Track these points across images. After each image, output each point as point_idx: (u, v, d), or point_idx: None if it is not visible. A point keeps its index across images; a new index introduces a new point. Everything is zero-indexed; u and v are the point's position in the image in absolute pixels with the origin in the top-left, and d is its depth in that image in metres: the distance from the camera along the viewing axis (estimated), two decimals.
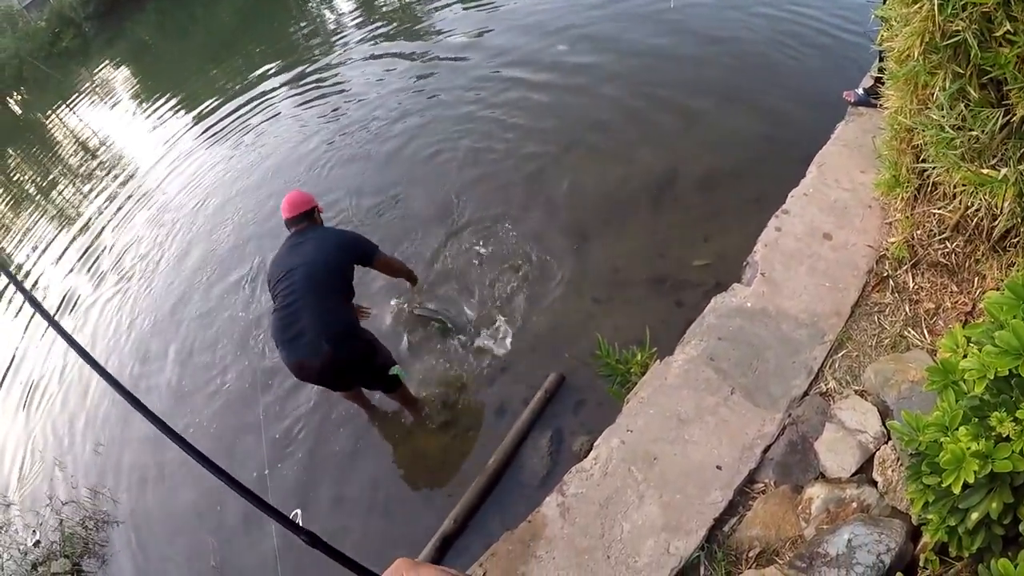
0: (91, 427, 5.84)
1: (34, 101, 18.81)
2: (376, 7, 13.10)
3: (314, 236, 3.99)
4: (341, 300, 3.91)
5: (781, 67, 6.53)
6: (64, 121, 15.62)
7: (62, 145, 13.97)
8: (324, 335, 3.69)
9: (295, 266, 3.80)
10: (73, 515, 4.97)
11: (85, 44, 20.73)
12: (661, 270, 4.93)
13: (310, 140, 8.56)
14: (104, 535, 4.87)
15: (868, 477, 2.69)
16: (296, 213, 4.04)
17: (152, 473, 5.13)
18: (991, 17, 2.34)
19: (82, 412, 6.06)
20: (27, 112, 18.38)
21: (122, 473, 5.25)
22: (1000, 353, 1.85)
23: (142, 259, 7.95)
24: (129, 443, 5.45)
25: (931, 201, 3.24)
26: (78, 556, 4.73)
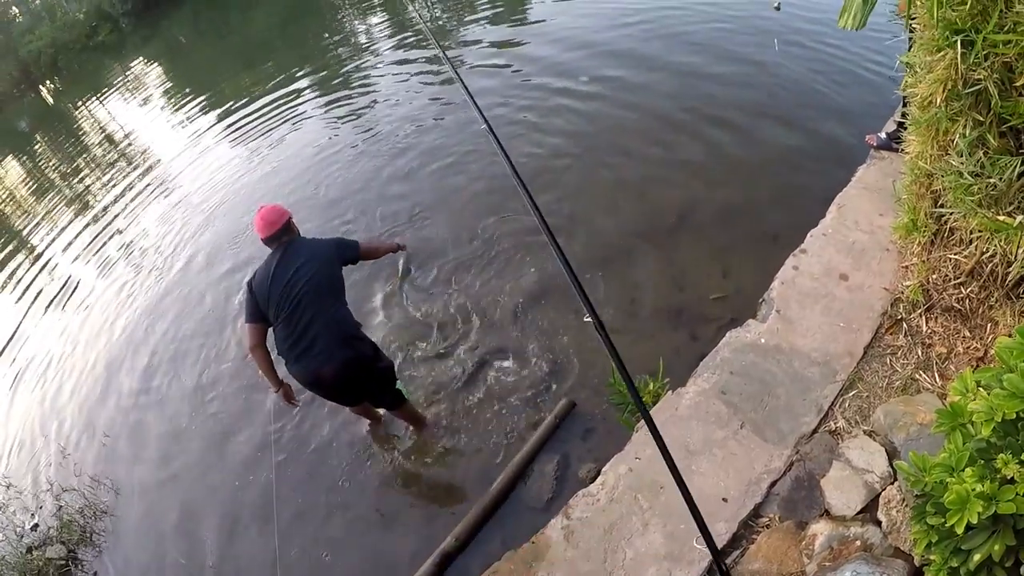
0: (99, 417, 5.92)
1: (66, 91, 19.18)
2: (407, 21, 13.37)
3: (299, 249, 3.93)
4: (343, 306, 3.97)
5: (808, 107, 6.58)
6: (93, 113, 15.91)
7: (89, 135, 14.23)
8: (337, 341, 3.79)
9: (291, 281, 3.79)
10: (73, 502, 5.02)
11: (121, 39, 21.17)
12: (678, 303, 4.95)
13: (335, 145, 8.76)
14: (102, 525, 4.92)
15: (873, 516, 2.68)
16: (273, 231, 3.91)
17: (155, 467, 5.19)
18: (1012, 67, 2.38)
19: (90, 401, 6.16)
20: (59, 101, 18.71)
21: (125, 465, 5.32)
22: (1008, 396, 1.87)
23: (150, 252, 8.22)
24: (134, 436, 5.52)
25: (947, 246, 3.25)
26: (74, 544, 4.78)
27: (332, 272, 3.93)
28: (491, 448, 4.46)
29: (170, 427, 5.46)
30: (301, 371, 3.87)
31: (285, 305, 3.77)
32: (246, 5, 20.50)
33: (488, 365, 4.97)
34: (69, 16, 22.18)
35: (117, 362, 6.53)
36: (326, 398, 4.27)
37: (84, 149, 13.42)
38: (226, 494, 4.78)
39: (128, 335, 6.86)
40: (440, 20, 12.53)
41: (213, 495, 4.81)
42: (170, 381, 5.93)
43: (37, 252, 10.36)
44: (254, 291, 3.87)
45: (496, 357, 5.01)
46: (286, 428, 5.00)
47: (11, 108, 21.28)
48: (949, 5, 2.49)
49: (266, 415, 5.08)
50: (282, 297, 3.77)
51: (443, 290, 5.69)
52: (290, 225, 3.99)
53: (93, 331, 7.26)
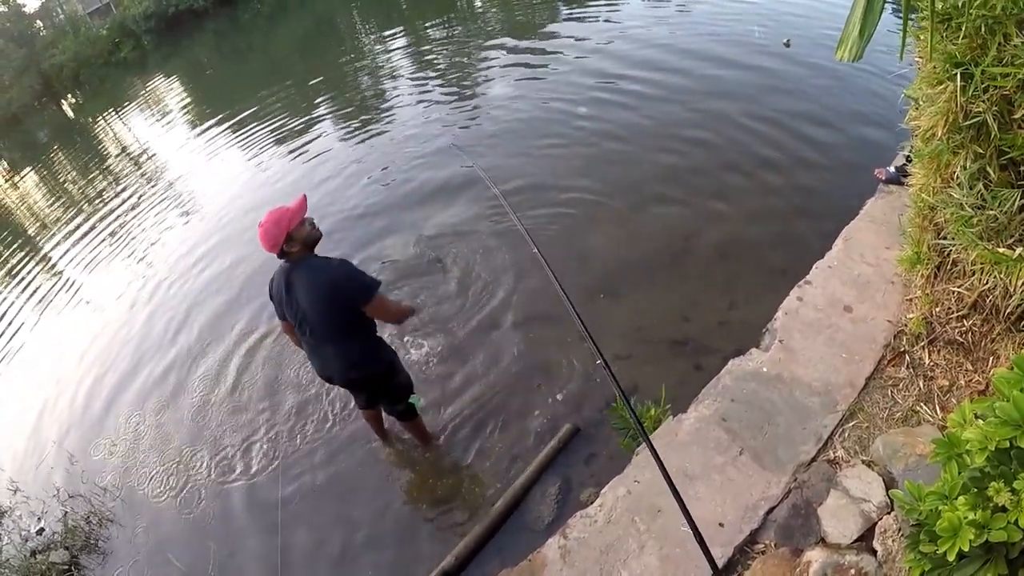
0: (108, 426, 5.97)
1: (87, 105, 19.48)
2: (428, 48, 13.64)
3: (304, 276, 3.57)
4: (356, 335, 3.79)
5: (820, 141, 6.65)
6: (112, 127, 16.17)
7: (107, 149, 14.46)
8: (345, 365, 3.81)
9: (299, 311, 3.62)
10: (79, 509, 5.04)
11: (143, 57, 21.56)
12: (684, 333, 4.97)
13: (352, 166, 8.86)
14: (107, 532, 4.93)
15: (868, 545, 2.67)
16: (275, 249, 3.50)
17: (161, 477, 5.22)
18: (1011, 100, 2.42)
19: (100, 409, 6.21)
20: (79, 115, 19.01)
21: (132, 475, 5.35)
22: (1000, 424, 1.87)
23: (165, 261, 8.37)
24: (142, 447, 5.56)
25: (950, 279, 3.26)
26: (78, 550, 4.79)
27: (339, 307, 3.59)
28: (494, 470, 4.45)
29: (180, 438, 5.49)
30: (316, 370, 3.97)
31: (299, 328, 3.74)
32: (268, 29, 20.92)
33: (496, 389, 4.99)
34: (92, 32, 22.62)
35: (129, 371, 6.58)
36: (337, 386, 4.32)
37: (101, 162, 13.67)
38: (231, 507, 4.79)
39: (142, 344, 6.92)
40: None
41: (219, 507, 4.82)
42: (184, 391, 5.97)
43: (49, 259, 10.54)
44: (272, 297, 3.79)
45: (504, 382, 5.02)
46: (295, 442, 5.02)
47: (32, 120, 21.71)
48: (949, 39, 2.54)
49: (278, 432, 5.14)
50: (295, 321, 3.72)
51: (452, 316, 5.74)
52: (291, 239, 3.48)
53: (107, 338, 7.34)
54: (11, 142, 19.39)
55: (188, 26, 22.57)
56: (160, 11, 22.50)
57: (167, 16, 22.72)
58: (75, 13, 24.24)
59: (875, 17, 1.91)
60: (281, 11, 22.13)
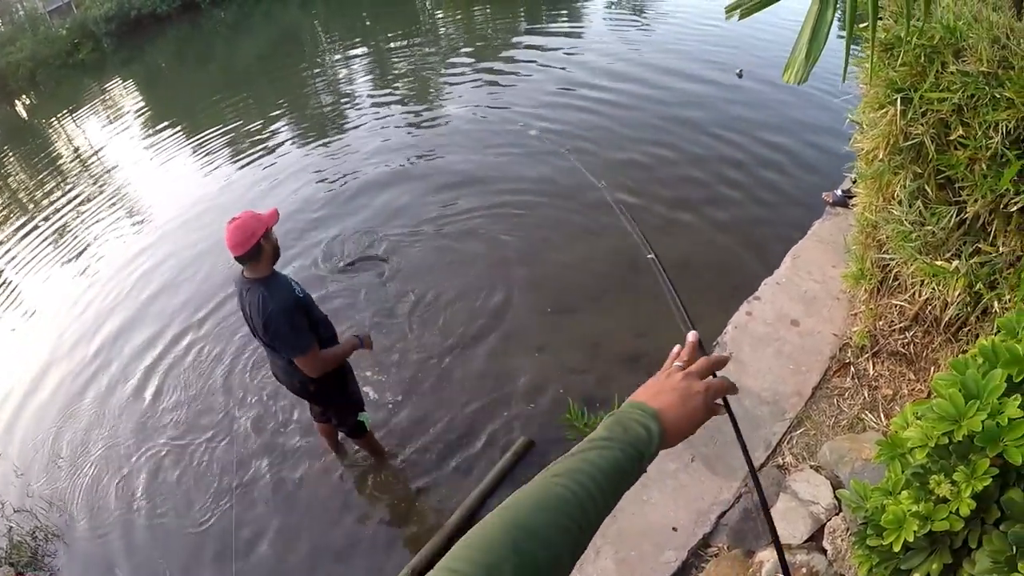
0: (53, 438, 5.74)
1: (42, 106, 18.93)
2: (389, 65, 13.71)
3: (252, 303, 3.45)
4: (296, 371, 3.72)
5: (768, 166, 6.90)
6: (67, 130, 15.78)
7: (60, 152, 14.09)
8: (293, 382, 3.80)
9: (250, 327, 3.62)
10: (24, 524, 4.86)
11: (102, 59, 20.98)
12: (639, 348, 5.06)
13: (310, 183, 8.80)
14: (53, 548, 4.75)
15: (818, 545, 2.78)
16: (239, 253, 3.34)
17: (110, 492, 5.05)
18: (947, 122, 2.58)
19: (46, 420, 5.99)
20: (33, 116, 18.48)
21: (79, 489, 5.16)
22: (938, 420, 1.98)
23: (109, 268, 8.22)
24: (89, 460, 5.38)
25: (892, 294, 3.43)
26: (24, 566, 4.60)
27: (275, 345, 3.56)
28: (450, 484, 4.45)
29: (130, 450, 5.34)
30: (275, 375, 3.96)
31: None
32: (231, 37, 20.73)
33: (449, 402, 4.99)
34: (52, 31, 22.00)
35: (76, 379, 6.39)
36: None
37: (54, 164, 13.29)
38: (182, 522, 4.70)
39: (88, 354, 6.72)
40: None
41: (170, 521, 4.72)
42: (135, 401, 5.80)
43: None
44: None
45: (456, 395, 5.03)
46: (247, 457, 4.94)
47: None
48: (891, 66, 2.71)
49: (232, 446, 5.04)
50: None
51: (403, 333, 5.76)
52: (259, 250, 3.35)
53: (52, 344, 7.10)
54: None
55: (149, 31, 22.14)
56: (122, 14, 21.95)
57: (129, 19, 22.18)
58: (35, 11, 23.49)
59: (820, 43, 2.04)
60: (244, 20, 21.90)
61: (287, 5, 22.38)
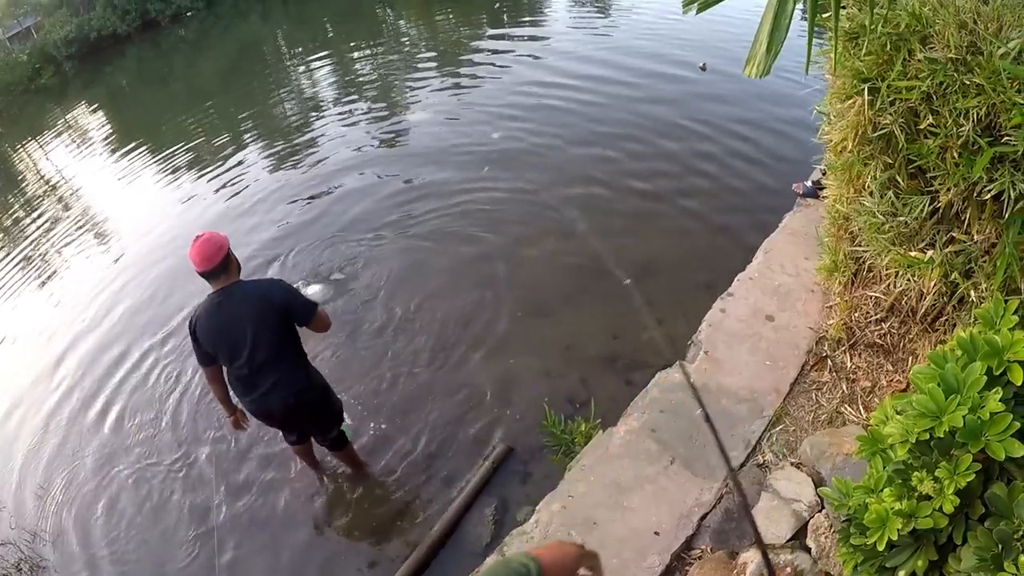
0: (38, 469, 5.61)
1: (5, 134, 18.70)
2: (353, 73, 13.62)
3: (242, 297, 3.54)
4: (293, 356, 3.77)
5: (737, 158, 6.88)
6: (31, 156, 15.58)
7: (26, 178, 13.90)
8: (288, 394, 3.70)
9: (238, 339, 3.54)
10: (9, 556, 4.76)
11: (64, 83, 20.86)
12: (614, 350, 5.02)
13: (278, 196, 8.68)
14: None
15: (802, 543, 2.74)
16: (211, 267, 3.45)
17: (95, 522, 4.96)
18: (916, 111, 2.55)
19: (28, 452, 5.84)
20: None
21: (64, 520, 5.05)
22: (919, 416, 1.94)
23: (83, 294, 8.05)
24: (74, 491, 5.26)
25: (866, 285, 3.41)
26: None
27: (280, 323, 3.61)
28: (430, 495, 4.38)
29: (112, 481, 5.21)
30: (251, 407, 3.81)
31: (234, 359, 3.61)
32: (191, 55, 20.54)
33: (426, 411, 4.92)
34: (12, 57, 21.73)
35: (56, 407, 6.23)
36: (274, 427, 4.21)
37: (19, 192, 13.10)
38: (167, 544, 4.59)
39: (60, 380, 6.56)
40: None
41: (153, 545, 4.62)
42: (112, 428, 5.67)
43: None
44: (200, 341, 3.61)
45: (433, 404, 4.96)
46: (230, 477, 4.83)
47: None
48: (856, 55, 2.67)
49: (208, 462, 4.96)
50: (230, 351, 3.59)
51: (376, 343, 5.67)
52: (229, 260, 3.52)
53: (31, 372, 6.92)
54: None
55: (110, 52, 21.97)
56: (82, 36, 21.81)
57: (89, 41, 22.05)
58: None
59: (781, 34, 1.98)
60: (204, 36, 21.75)
61: (247, 19, 22.29)
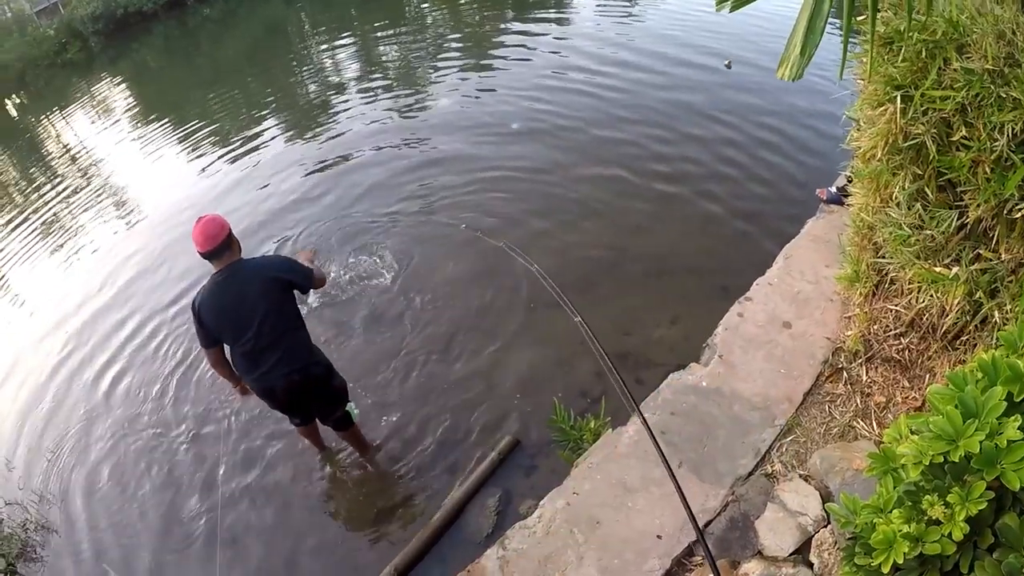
0: (47, 432, 5.70)
1: (31, 105, 18.93)
2: (377, 56, 13.59)
3: (247, 275, 3.66)
4: (298, 331, 3.85)
5: (762, 162, 6.75)
6: (57, 128, 15.74)
7: (50, 150, 14.05)
8: (291, 366, 3.75)
9: (243, 315, 3.63)
10: (15, 517, 4.86)
11: (89, 58, 21.02)
12: (626, 347, 4.96)
13: (294, 176, 8.68)
14: (43, 540, 4.75)
15: (805, 558, 2.69)
16: (213, 246, 3.54)
17: (101, 487, 5.04)
18: (949, 122, 2.47)
19: (40, 415, 5.94)
20: (23, 115, 18.44)
21: (71, 483, 5.13)
22: (934, 438, 1.89)
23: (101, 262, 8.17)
24: (82, 454, 5.34)
25: (888, 298, 3.33)
26: (14, 557, 4.60)
27: (284, 298, 3.74)
28: (434, 483, 4.38)
29: (121, 446, 5.27)
30: (255, 385, 3.86)
31: (239, 336, 3.67)
32: (217, 33, 20.61)
33: (436, 400, 4.91)
34: (39, 31, 21.97)
35: (70, 375, 6.29)
36: (278, 410, 4.18)
37: (44, 162, 13.25)
38: (170, 519, 4.64)
39: (78, 347, 6.64)
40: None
41: (157, 515, 4.68)
42: (126, 397, 5.73)
43: None
44: (204, 321, 3.67)
45: (444, 392, 4.95)
46: (235, 454, 4.88)
47: None
48: (890, 61, 2.59)
49: (215, 436, 5.00)
50: (236, 329, 3.66)
51: (392, 323, 5.66)
52: (231, 240, 3.64)
53: (46, 339, 7.01)
54: None
55: (136, 29, 22.11)
56: (108, 12, 21.95)
57: (115, 18, 22.19)
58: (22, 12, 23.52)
59: (816, 37, 1.92)
60: (230, 16, 21.82)
61: (272, 0, 22.26)
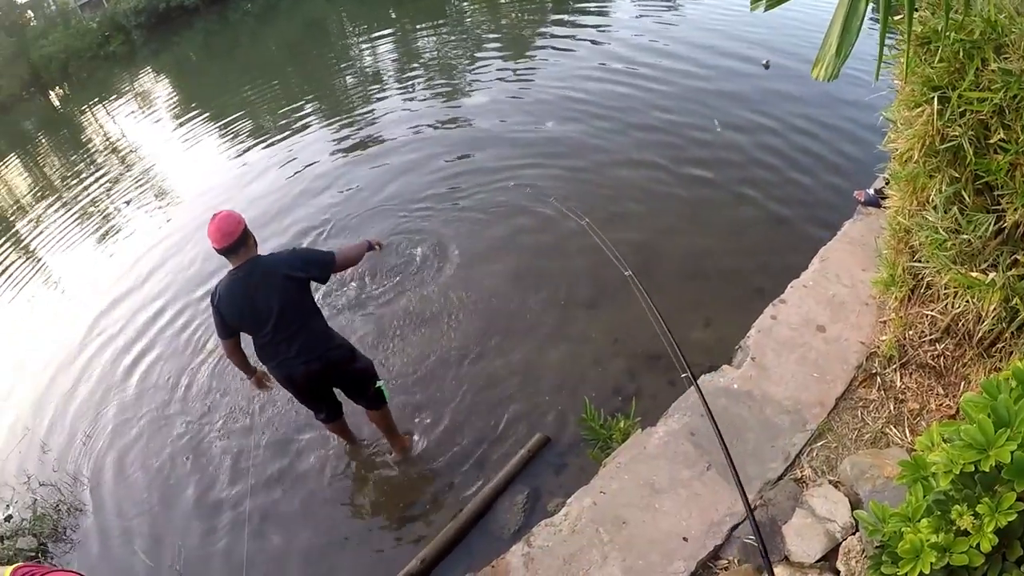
0: (82, 415, 5.90)
1: (74, 96, 19.43)
2: (416, 51, 13.69)
3: (265, 273, 3.66)
4: (317, 321, 3.91)
5: (800, 163, 6.66)
6: (98, 119, 16.11)
7: (92, 140, 14.39)
8: (310, 355, 3.81)
9: (261, 310, 3.66)
10: (48, 497, 5.00)
11: (132, 51, 21.58)
12: (660, 348, 4.93)
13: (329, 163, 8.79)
14: (75, 522, 4.90)
15: (832, 566, 2.66)
16: (229, 242, 3.56)
17: (133, 472, 5.18)
18: (987, 124, 2.42)
19: (75, 399, 6.14)
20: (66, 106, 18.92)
21: (104, 466, 5.29)
22: (965, 447, 1.86)
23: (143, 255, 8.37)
24: (116, 439, 5.50)
25: (924, 303, 3.27)
26: (46, 537, 4.76)
27: (302, 292, 3.79)
28: (463, 478, 4.42)
29: (152, 433, 5.42)
30: (275, 372, 3.93)
31: (258, 330, 3.74)
32: (257, 29, 20.97)
33: (468, 396, 4.95)
34: (83, 24, 22.59)
35: (107, 360, 6.49)
36: (301, 400, 4.26)
37: (86, 152, 13.59)
38: (200, 505, 4.75)
39: (116, 335, 6.83)
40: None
41: (188, 504, 4.78)
42: (160, 385, 5.89)
43: (31, 250, 10.39)
44: (223, 315, 3.74)
45: (477, 389, 4.99)
46: (265, 443, 4.98)
47: (20, 110, 21.68)
48: (927, 62, 2.54)
49: (251, 433, 5.08)
50: (254, 324, 3.73)
51: (428, 319, 5.71)
52: (247, 236, 3.65)
53: (84, 325, 7.23)
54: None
55: (178, 23, 22.67)
56: (151, 7, 22.58)
57: (158, 12, 22.81)
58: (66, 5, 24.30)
59: (852, 36, 1.89)
60: (271, 11, 22.20)
61: None
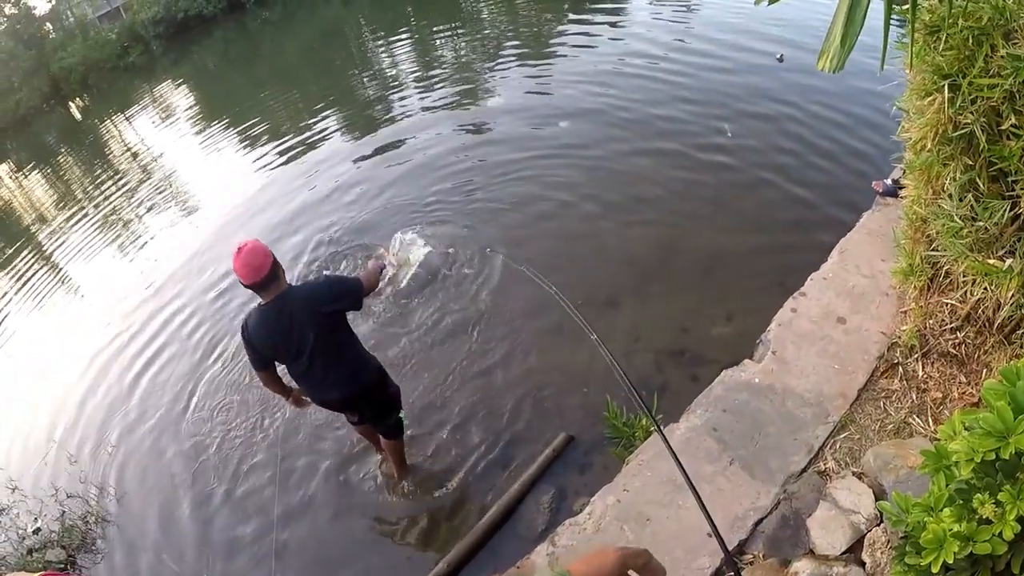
0: (108, 427, 6.00)
1: (94, 108, 19.67)
2: (434, 55, 13.76)
3: (295, 308, 3.52)
4: (352, 349, 3.87)
5: (820, 154, 6.64)
6: (119, 130, 16.32)
7: (113, 152, 14.58)
8: (347, 386, 3.82)
9: (292, 345, 3.59)
10: (76, 509, 5.09)
11: (151, 61, 21.81)
12: (682, 343, 4.96)
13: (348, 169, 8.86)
14: (103, 532, 4.99)
15: (857, 557, 2.65)
16: (259, 278, 3.38)
17: (159, 482, 5.27)
18: (999, 111, 2.41)
19: (101, 411, 6.26)
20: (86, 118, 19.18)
21: (129, 478, 5.40)
22: (984, 435, 1.85)
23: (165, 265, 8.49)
24: (142, 448, 5.59)
25: (943, 291, 3.25)
26: (74, 548, 4.85)
27: (336, 324, 3.70)
28: (488, 478, 4.46)
29: (179, 444, 5.50)
30: (312, 396, 3.96)
31: (292, 361, 3.70)
32: (276, 36, 21.16)
33: (492, 397, 4.99)
34: (101, 35, 22.88)
35: (132, 374, 6.60)
36: (335, 411, 4.33)
37: (107, 164, 13.80)
38: (228, 515, 4.81)
39: (144, 347, 6.94)
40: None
41: (215, 514, 4.85)
42: (187, 398, 5.96)
43: (54, 261, 10.59)
44: (256, 347, 3.65)
45: (499, 390, 5.02)
46: (293, 451, 5.03)
47: (40, 122, 22.02)
48: (936, 50, 2.54)
49: (274, 440, 5.14)
50: (288, 356, 3.68)
51: (447, 324, 5.76)
52: (277, 269, 3.47)
53: (111, 338, 7.35)
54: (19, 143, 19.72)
55: (196, 32, 22.90)
56: (169, 17, 22.83)
57: (176, 22, 23.06)
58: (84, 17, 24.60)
59: (856, 27, 1.89)
60: (289, 19, 22.39)
61: (330, 2, 22.68)
